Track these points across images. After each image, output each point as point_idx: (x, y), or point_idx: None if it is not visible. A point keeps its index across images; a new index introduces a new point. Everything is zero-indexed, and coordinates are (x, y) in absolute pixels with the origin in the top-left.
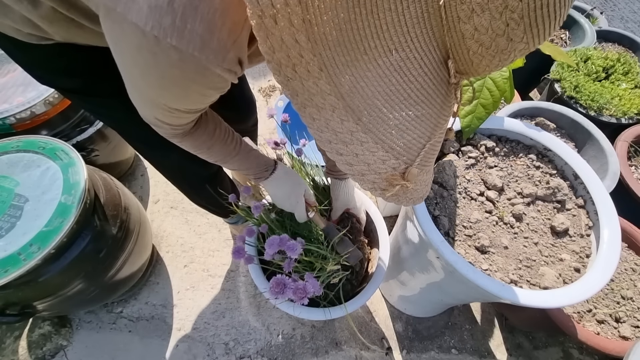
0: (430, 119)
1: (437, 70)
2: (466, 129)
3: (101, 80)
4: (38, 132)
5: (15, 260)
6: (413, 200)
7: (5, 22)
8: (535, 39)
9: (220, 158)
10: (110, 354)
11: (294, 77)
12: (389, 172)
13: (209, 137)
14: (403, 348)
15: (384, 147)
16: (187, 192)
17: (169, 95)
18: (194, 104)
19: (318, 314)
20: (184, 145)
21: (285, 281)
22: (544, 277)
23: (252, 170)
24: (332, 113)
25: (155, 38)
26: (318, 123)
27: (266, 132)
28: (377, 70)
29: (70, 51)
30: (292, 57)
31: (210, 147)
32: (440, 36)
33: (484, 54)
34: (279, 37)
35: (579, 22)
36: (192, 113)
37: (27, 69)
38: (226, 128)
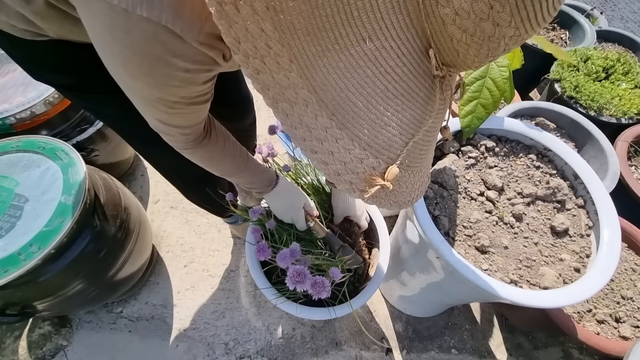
0: (412, 114)
1: (418, 61)
2: (466, 129)
3: (95, 78)
4: (38, 132)
5: (15, 260)
6: (398, 203)
7: (1, 18)
8: (525, 24)
9: (229, 172)
10: (110, 354)
11: (263, 70)
12: (367, 172)
13: (219, 150)
14: (403, 348)
15: (360, 145)
16: (184, 190)
17: (155, 83)
18: (186, 87)
19: (322, 313)
20: (196, 158)
21: (305, 271)
22: (544, 277)
23: (256, 185)
24: (305, 108)
25: (124, 11)
26: (291, 119)
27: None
28: (350, 60)
29: (65, 48)
30: (260, 48)
31: (220, 160)
32: (419, 23)
33: (468, 42)
34: (243, 26)
35: (579, 22)
36: (192, 105)
37: (22, 65)
38: (234, 142)
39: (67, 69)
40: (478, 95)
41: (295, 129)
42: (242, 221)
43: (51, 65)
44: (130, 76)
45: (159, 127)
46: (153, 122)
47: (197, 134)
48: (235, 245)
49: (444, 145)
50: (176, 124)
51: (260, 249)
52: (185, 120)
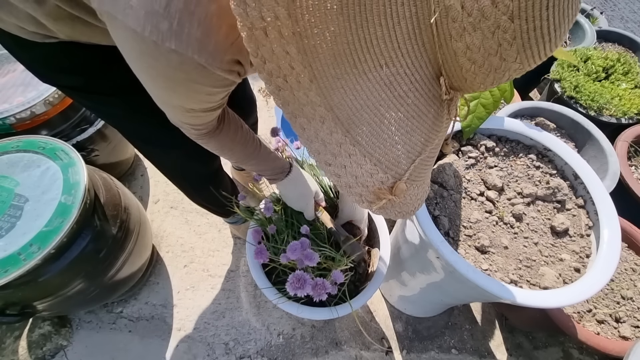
0: (420, 135)
1: (429, 86)
2: (466, 129)
3: (103, 79)
4: (38, 132)
5: (15, 260)
6: (402, 214)
7: (10, 20)
8: (529, 60)
9: (241, 159)
10: (110, 354)
11: (284, 87)
12: (376, 186)
13: (231, 139)
14: (403, 348)
15: (372, 161)
16: (187, 190)
17: (178, 97)
18: (205, 103)
19: (323, 313)
20: (209, 146)
21: (305, 277)
22: (544, 277)
23: (269, 171)
24: (321, 124)
25: (154, 43)
26: (308, 133)
27: (266, 132)
28: (367, 84)
29: (73, 49)
30: (283, 68)
31: (232, 148)
32: (432, 52)
33: (477, 72)
34: (270, 48)
35: (579, 22)
36: (208, 111)
37: (28, 67)
38: (247, 130)
39: (75, 70)
40: (478, 95)
41: (311, 142)
42: (243, 221)
43: (58, 67)
44: (157, 87)
45: (177, 123)
46: (170, 116)
47: (209, 128)
48: (235, 245)
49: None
50: (192, 123)
51: (259, 252)
52: (201, 120)
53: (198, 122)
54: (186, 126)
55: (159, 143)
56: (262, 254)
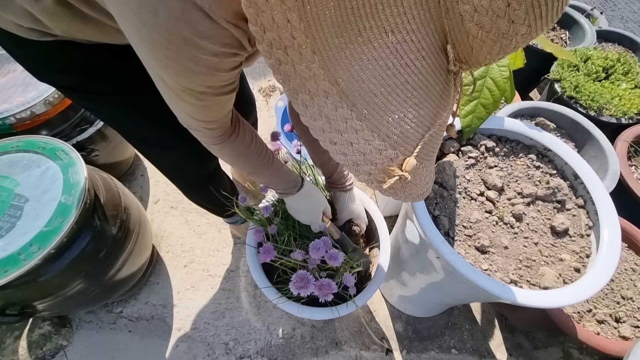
0: (429, 107)
1: (436, 55)
2: (466, 129)
3: (101, 79)
4: (38, 132)
5: (15, 260)
6: (412, 196)
7: (7, 16)
8: (538, 21)
9: (255, 170)
10: (110, 354)
11: (285, 61)
12: (385, 163)
13: (246, 146)
14: (403, 348)
15: (380, 136)
16: (186, 190)
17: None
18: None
19: (325, 313)
20: (223, 155)
21: (308, 277)
22: (544, 277)
23: (282, 185)
24: (325, 99)
25: None
26: (311, 110)
27: (266, 132)
28: (373, 52)
29: (70, 48)
30: (284, 39)
31: (246, 157)
32: (438, 19)
33: (484, 38)
34: (270, 16)
35: (579, 22)
36: (218, 96)
37: (25, 66)
38: (261, 141)
39: (72, 70)
40: (478, 95)
41: (315, 120)
42: (243, 221)
43: (55, 66)
44: (159, 63)
45: (188, 122)
46: (182, 116)
47: (224, 129)
48: (235, 245)
49: (444, 145)
50: (204, 119)
51: (266, 251)
52: (213, 113)
53: (210, 116)
54: (200, 125)
55: (159, 144)
56: (269, 253)
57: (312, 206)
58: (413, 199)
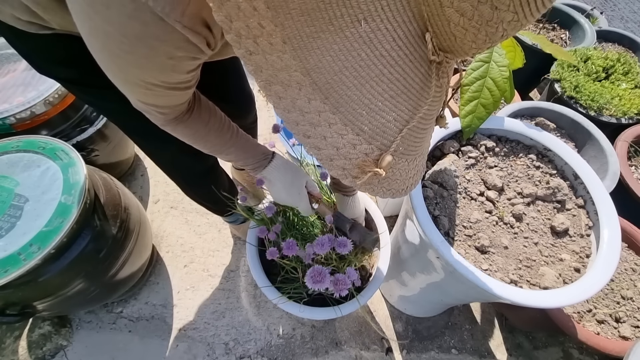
0: (407, 100)
1: (414, 45)
2: (466, 129)
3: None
4: (38, 132)
5: (15, 260)
6: (392, 191)
7: (6, 9)
8: (524, 7)
9: (217, 148)
10: (110, 354)
11: (255, 51)
12: (360, 158)
13: (203, 124)
14: (403, 348)
15: (353, 130)
16: (184, 187)
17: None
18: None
19: (327, 312)
20: (178, 134)
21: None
22: (544, 277)
23: (250, 160)
24: (298, 91)
25: None
26: (284, 102)
27: (266, 132)
28: (344, 42)
29: (68, 41)
30: (252, 28)
31: (204, 135)
32: (416, 5)
33: (466, 25)
34: (235, 4)
35: (579, 22)
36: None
37: (26, 58)
38: (222, 117)
39: (70, 62)
40: (478, 95)
41: (289, 112)
42: (243, 221)
43: (55, 59)
44: (110, 54)
45: (138, 105)
46: (132, 99)
47: (177, 114)
48: (235, 245)
49: (444, 145)
50: (156, 104)
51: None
52: (165, 102)
53: (163, 103)
54: (151, 109)
55: (156, 138)
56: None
57: (289, 180)
58: (394, 194)
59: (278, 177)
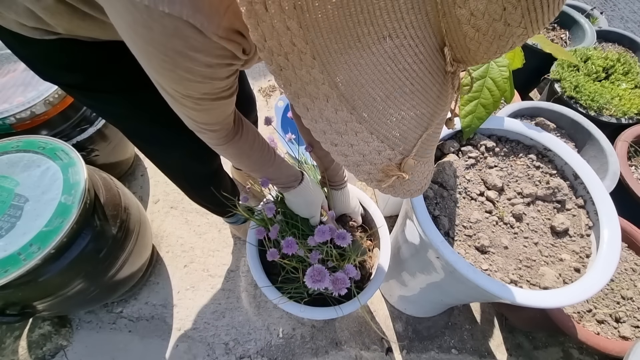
0: (426, 109)
1: (433, 58)
2: (466, 129)
3: (103, 76)
4: (38, 132)
5: (15, 260)
6: (411, 192)
7: (10, 15)
8: (534, 24)
9: (258, 167)
10: (110, 354)
11: (286, 66)
12: (384, 163)
13: (249, 146)
14: (403, 348)
15: (379, 138)
16: (187, 190)
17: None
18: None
19: (327, 312)
20: (228, 153)
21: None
22: (544, 277)
23: (283, 179)
24: (325, 103)
25: (146, 8)
26: (312, 113)
27: (266, 132)
28: (371, 57)
29: (73, 46)
30: (284, 45)
31: (250, 155)
32: (435, 22)
33: (481, 40)
34: (270, 24)
35: (579, 22)
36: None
37: (28, 64)
38: (263, 140)
39: (75, 67)
40: (478, 95)
41: (316, 122)
42: (243, 221)
43: (59, 64)
44: (156, 72)
45: (192, 125)
46: (185, 119)
47: (227, 131)
48: (235, 245)
49: (444, 146)
50: (206, 122)
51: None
52: (213, 117)
53: (211, 119)
54: (204, 129)
55: (160, 142)
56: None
57: (312, 199)
58: (411, 195)
59: (304, 196)
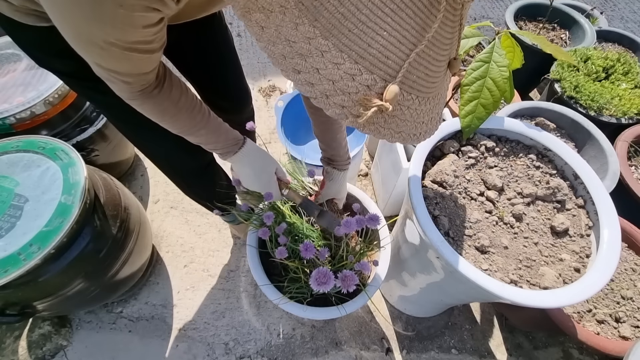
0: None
1: None
2: (466, 129)
3: None
4: (38, 132)
5: (15, 260)
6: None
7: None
8: None
9: (187, 129)
10: (110, 354)
11: None
12: (360, 92)
13: (172, 103)
14: (403, 348)
15: (351, 56)
16: (181, 185)
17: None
18: (120, 30)
19: (330, 312)
20: (145, 110)
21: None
22: (544, 277)
23: (221, 144)
24: (282, 16)
25: None
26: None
27: (266, 132)
28: None
29: None
30: None
31: (174, 114)
32: None
33: None
34: None
35: (579, 22)
36: (130, 52)
37: (26, 50)
38: (193, 97)
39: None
40: (478, 95)
41: (274, 44)
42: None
43: (53, 51)
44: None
45: (99, 71)
46: (92, 64)
47: (142, 85)
48: (235, 245)
49: (444, 145)
50: (116, 70)
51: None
52: (127, 68)
53: (122, 69)
54: (112, 76)
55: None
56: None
57: (260, 166)
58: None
59: (248, 163)
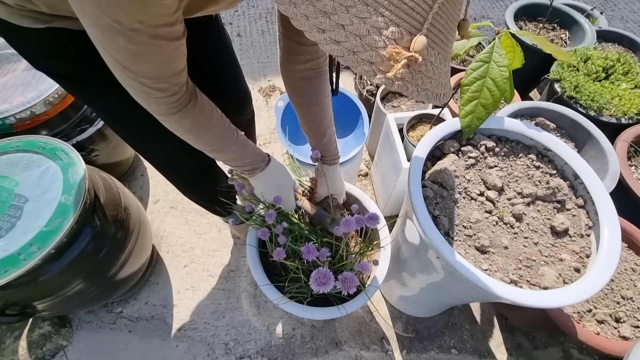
0: None
1: None
2: (466, 129)
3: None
4: (38, 132)
5: (15, 260)
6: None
7: None
8: None
9: (220, 145)
10: (110, 354)
11: None
12: (388, 46)
13: (207, 117)
14: (403, 348)
15: (377, 10)
16: (181, 187)
17: None
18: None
19: (331, 312)
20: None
21: (329, 273)
22: (544, 277)
23: (249, 160)
24: None
25: None
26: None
27: (266, 132)
28: None
29: (64, 35)
30: None
31: (210, 129)
32: None
33: None
34: None
35: (579, 22)
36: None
37: (21, 53)
38: (222, 114)
39: (65, 56)
40: (478, 95)
41: (295, 5)
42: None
43: (49, 53)
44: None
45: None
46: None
47: (177, 93)
48: (235, 245)
49: (444, 145)
50: (145, 73)
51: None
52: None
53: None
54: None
55: (152, 137)
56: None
57: (282, 182)
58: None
59: (272, 179)
